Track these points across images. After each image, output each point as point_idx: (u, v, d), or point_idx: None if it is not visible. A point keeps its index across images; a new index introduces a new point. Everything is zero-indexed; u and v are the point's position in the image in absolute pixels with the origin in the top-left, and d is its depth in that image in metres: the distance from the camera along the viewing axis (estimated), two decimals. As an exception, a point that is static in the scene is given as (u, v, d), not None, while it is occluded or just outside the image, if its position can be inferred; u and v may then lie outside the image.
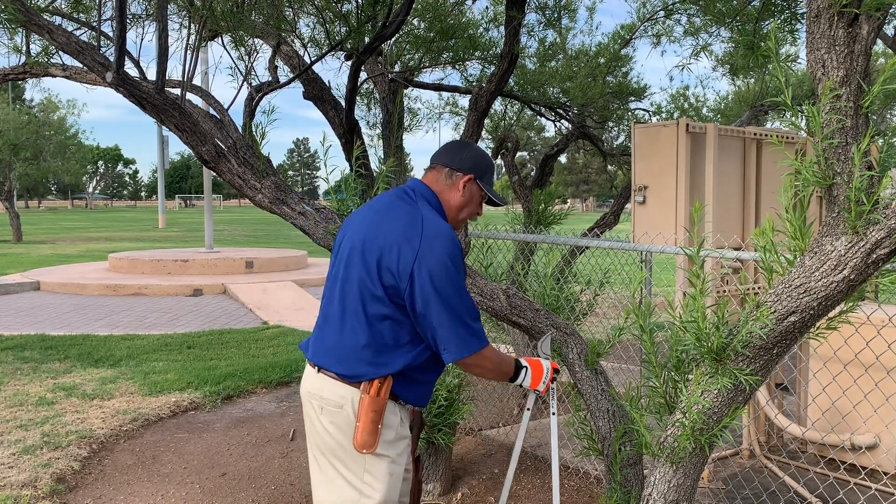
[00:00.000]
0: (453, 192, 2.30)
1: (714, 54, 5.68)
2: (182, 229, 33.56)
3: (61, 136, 27.39)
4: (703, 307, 2.21)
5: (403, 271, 2.08)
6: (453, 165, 2.30)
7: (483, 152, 2.38)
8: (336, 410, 2.18)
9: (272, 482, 4.10)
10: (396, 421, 2.23)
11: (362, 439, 2.15)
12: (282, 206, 3.06)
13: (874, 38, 1.94)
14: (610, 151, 6.59)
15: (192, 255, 14.55)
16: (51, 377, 6.17)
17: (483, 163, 2.34)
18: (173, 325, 9.10)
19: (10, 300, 11.14)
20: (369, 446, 2.15)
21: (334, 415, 2.18)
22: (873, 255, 1.90)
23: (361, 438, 2.15)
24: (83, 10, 3.71)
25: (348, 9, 3.79)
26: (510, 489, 2.78)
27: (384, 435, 2.18)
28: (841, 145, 1.95)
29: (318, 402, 2.21)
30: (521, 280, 3.82)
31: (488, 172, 2.35)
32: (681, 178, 3.82)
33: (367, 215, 2.27)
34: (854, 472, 3.75)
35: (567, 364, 2.87)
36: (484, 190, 2.32)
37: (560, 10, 5.57)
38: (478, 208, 2.37)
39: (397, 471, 2.23)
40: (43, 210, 72.72)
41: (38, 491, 3.84)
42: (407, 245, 2.09)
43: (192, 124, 3.01)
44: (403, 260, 2.08)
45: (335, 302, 2.23)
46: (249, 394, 5.87)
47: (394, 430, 2.22)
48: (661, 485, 2.35)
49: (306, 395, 2.27)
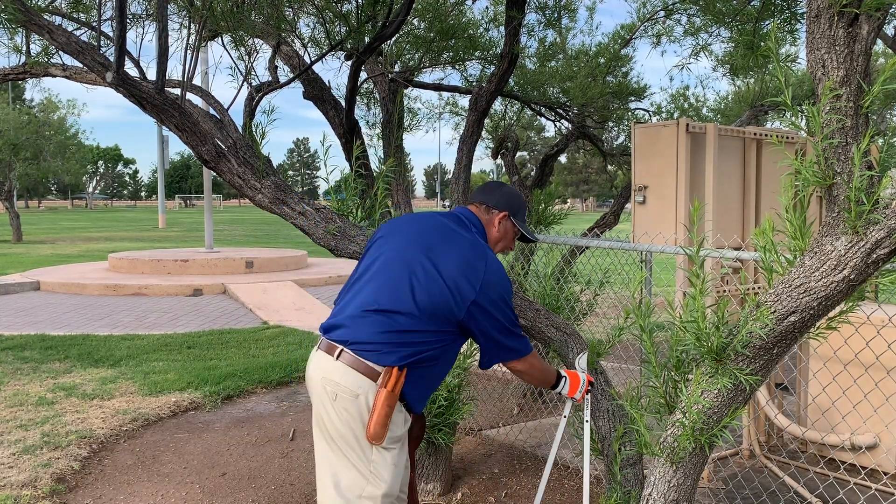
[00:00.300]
0: (490, 227, 2.52)
1: (714, 54, 5.69)
2: (182, 229, 33.56)
3: (61, 136, 27.38)
4: (703, 307, 2.21)
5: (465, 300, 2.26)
6: (490, 203, 2.53)
7: (517, 192, 2.61)
8: (351, 399, 2.24)
9: (272, 482, 4.10)
10: (402, 418, 2.32)
11: (375, 431, 2.22)
12: (282, 206, 3.07)
13: (874, 38, 1.94)
14: (610, 151, 6.59)
15: (192, 255, 14.55)
16: (51, 377, 6.17)
17: (517, 202, 2.57)
18: (173, 325, 9.10)
19: (10, 300, 11.14)
20: (379, 438, 2.22)
21: (349, 402, 2.24)
22: (873, 255, 1.90)
23: (374, 430, 2.22)
24: (83, 10, 3.71)
25: (348, 9, 3.79)
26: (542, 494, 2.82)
27: (391, 431, 2.26)
28: (841, 145, 1.95)
29: (332, 387, 2.25)
30: (521, 280, 3.82)
31: (521, 210, 2.57)
32: (681, 178, 3.82)
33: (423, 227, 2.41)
34: (854, 472, 3.75)
35: (567, 364, 2.87)
36: (517, 227, 2.55)
37: (560, 10, 5.57)
38: (511, 243, 2.59)
39: (401, 462, 2.32)
40: (43, 210, 72.73)
41: (38, 491, 3.84)
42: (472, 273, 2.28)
43: (192, 124, 3.01)
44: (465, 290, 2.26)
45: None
46: (249, 394, 5.87)
47: (400, 428, 2.31)
48: (661, 485, 2.35)
49: (320, 379, 2.30)
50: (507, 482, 4.07)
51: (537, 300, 3.12)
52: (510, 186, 2.65)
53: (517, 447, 4.59)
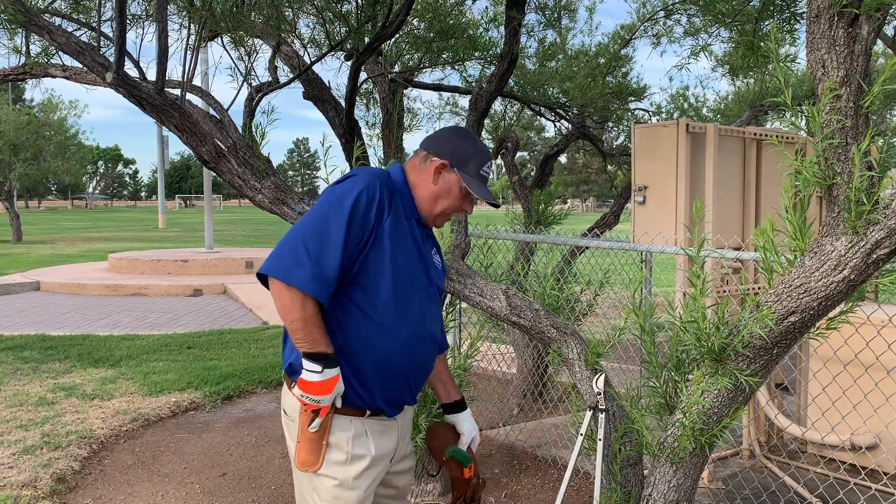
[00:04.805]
0: (424, 178, 1.99)
1: (714, 54, 5.68)
2: (182, 229, 33.55)
3: (61, 137, 27.38)
4: (704, 307, 2.21)
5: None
6: (431, 149, 2.01)
7: (471, 140, 2.05)
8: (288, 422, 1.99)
9: (272, 482, 4.10)
10: (346, 438, 1.90)
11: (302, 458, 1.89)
12: (282, 206, 3.07)
13: (874, 38, 1.94)
14: (610, 151, 6.59)
15: (192, 255, 14.56)
16: (51, 377, 6.17)
17: (464, 150, 1.99)
18: (173, 325, 9.09)
19: (10, 300, 11.14)
20: (311, 465, 1.89)
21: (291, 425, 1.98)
22: (873, 255, 1.90)
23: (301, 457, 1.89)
24: (83, 10, 3.70)
25: (348, 9, 3.79)
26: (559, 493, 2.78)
27: (329, 454, 1.89)
28: (841, 145, 1.95)
29: (282, 407, 2.04)
30: (521, 280, 3.82)
31: (472, 162, 2.00)
32: (681, 178, 3.82)
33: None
34: (854, 472, 3.75)
35: (567, 364, 2.87)
36: (463, 181, 1.98)
37: (560, 10, 5.57)
38: (459, 203, 2.02)
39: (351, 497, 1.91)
40: (43, 210, 72.72)
41: (38, 491, 3.84)
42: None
43: (192, 125, 3.01)
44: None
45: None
46: (249, 394, 5.87)
47: (343, 451, 1.90)
48: (661, 485, 2.35)
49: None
50: (507, 482, 4.07)
51: (537, 300, 3.12)
52: (466, 132, 2.09)
53: (517, 447, 4.59)
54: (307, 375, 1.82)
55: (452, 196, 2.00)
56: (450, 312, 3.88)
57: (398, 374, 1.97)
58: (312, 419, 1.85)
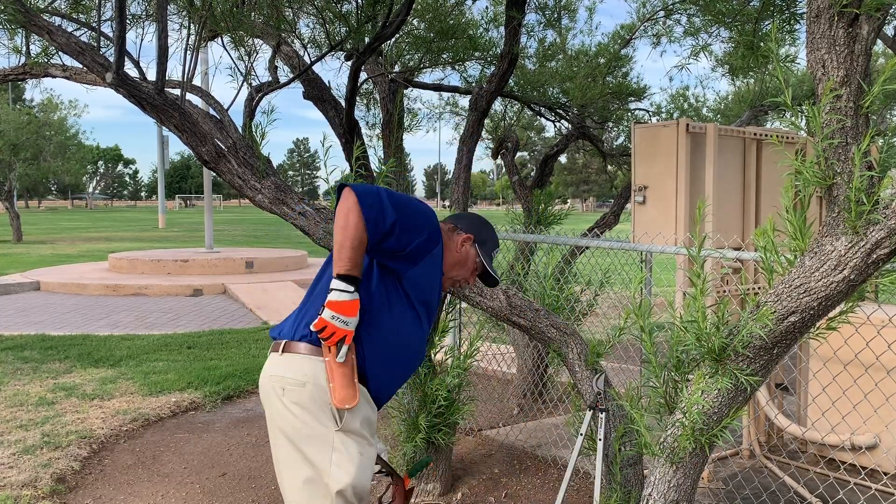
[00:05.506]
0: (451, 246, 2.33)
1: (714, 54, 5.67)
2: (182, 229, 33.56)
3: (61, 137, 27.38)
4: (704, 307, 2.21)
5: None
6: (458, 225, 2.39)
7: (489, 226, 2.44)
8: (299, 389, 2.13)
9: (272, 482, 4.10)
10: (364, 411, 2.18)
11: (340, 395, 2.07)
12: (282, 206, 3.07)
13: (874, 38, 1.94)
14: (610, 152, 6.59)
15: (192, 255, 14.55)
16: (51, 377, 6.17)
17: (485, 233, 2.40)
18: (173, 325, 9.10)
19: (10, 300, 11.14)
20: (348, 400, 2.07)
21: (298, 393, 2.13)
22: (873, 255, 1.90)
23: (340, 394, 2.07)
24: (83, 10, 3.70)
25: (348, 9, 3.79)
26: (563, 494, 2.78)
27: (351, 419, 2.13)
28: (841, 145, 1.95)
29: (279, 383, 2.17)
30: (521, 280, 3.82)
31: (489, 243, 2.39)
32: (681, 179, 3.82)
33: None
34: (854, 472, 3.75)
35: (567, 364, 2.87)
36: (481, 257, 2.36)
37: (560, 10, 5.57)
38: (468, 274, 2.37)
39: (367, 455, 2.17)
40: (43, 210, 72.73)
41: (38, 491, 3.84)
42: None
43: (191, 125, 3.01)
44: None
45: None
46: (249, 394, 5.87)
47: (359, 418, 2.16)
48: (661, 485, 2.35)
49: (268, 378, 2.22)
50: (506, 482, 4.07)
51: (537, 300, 3.12)
52: (487, 221, 2.48)
53: (517, 447, 4.59)
54: (338, 296, 2.02)
55: (467, 267, 2.36)
56: (450, 312, 3.88)
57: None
58: (339, 350, 2.05)
